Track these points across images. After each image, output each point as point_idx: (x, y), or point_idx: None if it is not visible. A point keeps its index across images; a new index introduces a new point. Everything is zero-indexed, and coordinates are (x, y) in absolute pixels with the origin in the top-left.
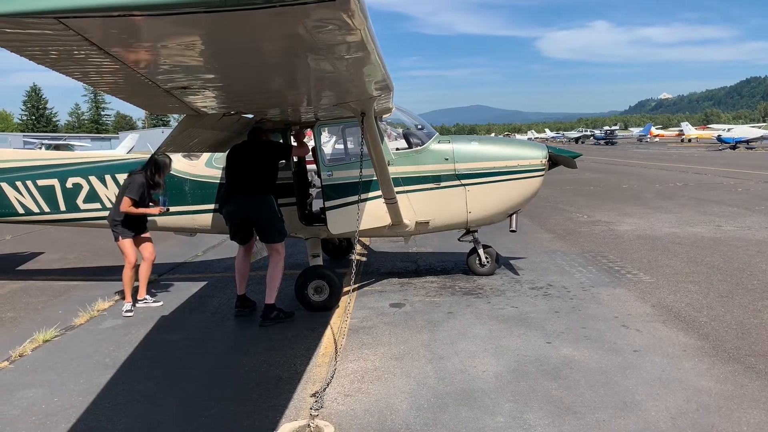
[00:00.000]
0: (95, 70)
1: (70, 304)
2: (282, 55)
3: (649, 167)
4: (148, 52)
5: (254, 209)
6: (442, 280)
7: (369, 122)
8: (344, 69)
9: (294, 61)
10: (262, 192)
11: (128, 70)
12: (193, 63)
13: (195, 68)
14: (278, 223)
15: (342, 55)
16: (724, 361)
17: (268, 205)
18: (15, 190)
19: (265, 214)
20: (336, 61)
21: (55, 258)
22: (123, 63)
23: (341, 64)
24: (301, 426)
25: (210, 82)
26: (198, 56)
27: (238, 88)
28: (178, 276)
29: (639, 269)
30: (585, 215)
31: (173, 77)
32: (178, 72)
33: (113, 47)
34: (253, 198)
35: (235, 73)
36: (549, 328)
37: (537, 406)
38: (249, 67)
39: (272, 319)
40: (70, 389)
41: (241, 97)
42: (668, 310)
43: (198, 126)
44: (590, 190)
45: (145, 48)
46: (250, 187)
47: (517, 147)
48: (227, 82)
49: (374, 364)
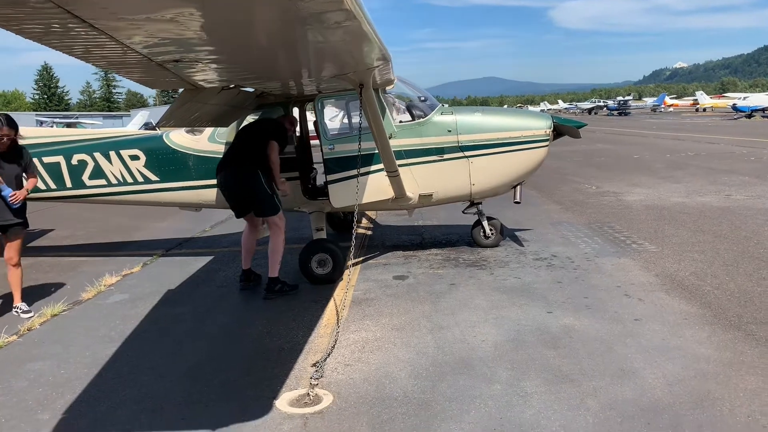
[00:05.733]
0: (83, 44)
1: (79, 279)
2: (270, 25)
3: (662, 137)
4: (135, 25)
5: (239, 183)
6: (446, 253)
7: (368, 94)
8: (334, 39)
9: (283, 32)
10: (248, 166)
11: (117, 44)
12: (182, 35)
13: (184, 41)
14: (266, 197)
15: (330, 25)
16: (725, 328)
17: (253, 179)
18: None
19: (249, 188)
20: (325, 30)
21: (65, 234)
22: (110, 36)
23: (330, 34)
24: (301, 395)
25: (202, 54)
26: (186, 28)
27: (230, 60)
28: (186, 251)
29: (645, 239)
30: (594, 186)
31: (164, 50)
32: (168, 45)
33: (99, 20)
34: (239, 172)
35: (226, 44)
36: (551, 298)
37: (534, 374)
38: (239, 38)
39: (276, 291)
40: (76, 362)
41: (236, 69)
42: (672, 279)
43: (197, 100)
44: (600, 161)
45: (131, 21)
46: (237, 161)
47: (521, 117)
48: (219, 55)
49: (375, 334)
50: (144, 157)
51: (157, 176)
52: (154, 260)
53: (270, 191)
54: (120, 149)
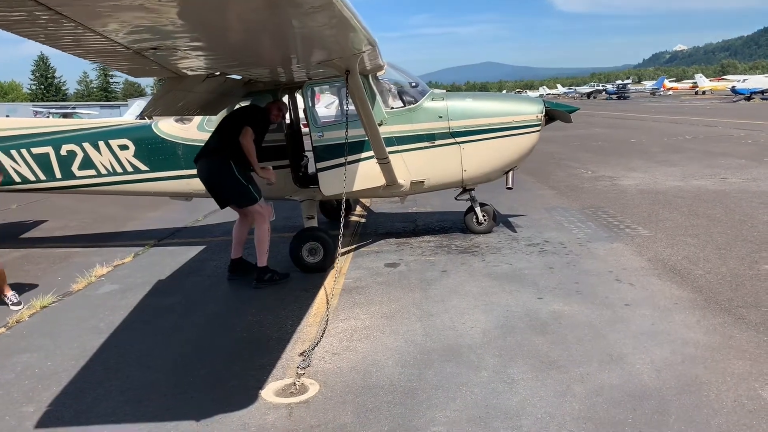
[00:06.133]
0: (52, 33)
1: (70, 270)
2: (244, 10)
3: (659, 121)
4: (104, 13)
5: (212, 174)
6: (439, 240)
7: (354, 80)
8: (313, 24)
9: (258, 18)
10: (220, 156)
11: (90, 32)
12: (156, 23)
13: (158, 28)
14: (240, 188)
15: (306, 10)
16: (715, 313)
17: (224, 169)
18: (10, 159)
19: (222, 179)
20: (303, 16)
21: (58, 225)
22: (81, 24)
23: (309, 20)
24: (287, 384)
25: (180, 41)
26: (158, 15)
27: (208, 46)
28: (178, 240)
29: (638, 223)
30: (589, 171)
31: (139, 38)
32: (142, 32)
33: (65, 7)
34: (212, 162)
35: (202, 31)
36: (541, 284)
37: (522, 361)
38: (214, 24)
39: (266, 281)
40: (63, 353)
41: (216, 56)
42: (664, 263)
43: (181, 88)
44: (597, 145)
45: (100, 8)
46: (210, 151)
47: (513, 102)
48: (197, 42)
49: (364, 322)
50: (133, 146)
51: (146, 166)
52: (146, 250)
53: (245, 181)
54: (109, 139)
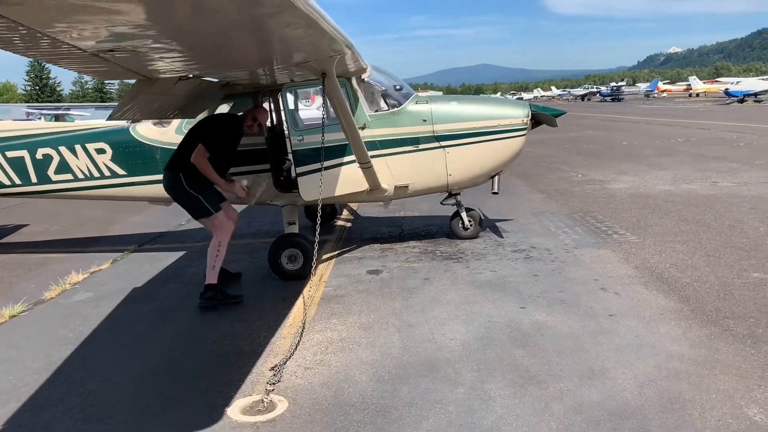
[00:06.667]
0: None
1: (45, 277)
2: (200, 11)
3: (652, 123)
4: (42, 11)
5: (166, 185)
6: (424, 245)
7: (331, 83)
8: (278, 25)
9: (214, 19)
10: (171, 168)
11: (36, 33)
12: (105, 24)
13: (111, 30)
14: (190, 201)
15: (264, 12)
16: (702, 324)
17: (174, 182)
18: None
19: (174, 192)
20: (267, 18)
21: (39, 230)
22: (24, 26)
23: (273, 20)
24: (255, 401)
25: (138, 44)
26: (107, 17)
27: (169, 49)
28: (158, 246)
29: (627, 229)
30: (579, 174)
31: (92, 40)
32: (93, 33)
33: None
34: (165, 174)
35: (158, 34)
36: (525, 293)
37: (500, 376)
38: (168, 26)
39: (207, 299)
40: (26, 366)
41: (180, 58)
42: (651, 271)
43: (152, 92)
44: (589, 148)
45: (44, 10)
46: (168, 162)
47: (498, 106)
48: (156, 44)
49: (341, 334)
50: (110, 150)
51: (124, 170)
52: (125, 256)
53: (195, 193)
54: (86, 143)
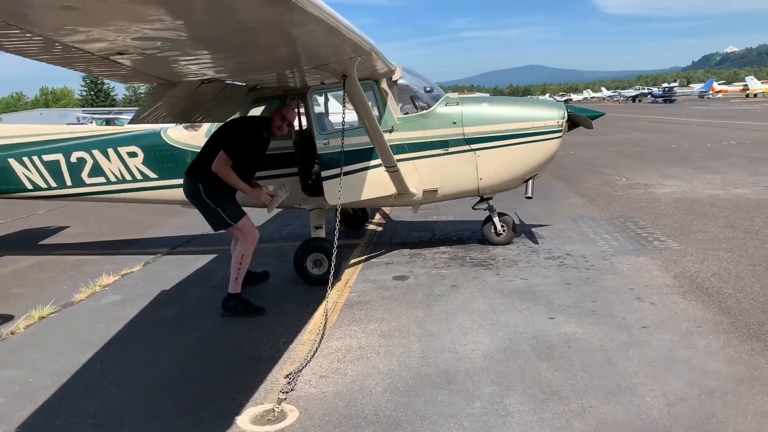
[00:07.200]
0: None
1: (77, 279)
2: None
3: (705, 125)
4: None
5: (186, 192)
6: (454, 251)
7: (352, 85)
8: (285, 25)
9: (229, 23)
10: (191, 176)
11: (41, 38)
12: (116, 27)
13: (120, 34)
14: (208, 211)
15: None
16: (743, 338)
17: (192, 189)
18: (23, 166)
19: (191, 199)
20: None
21: (78, 232)
22: (28, 30)
23: (278, 23)
24: (266, 410)
25: (146, 47)
26: (97, 18)
27: (183, 53)
28: (191, 249)
29: (669, 236)
30: (624, 178)
31: (103, 42)
32: (99, 35)
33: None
34: (185, 182)
35: (165, 37)
36: (556, 302)
37: (521, 390)
38: (188, 32)
39: (229, 309)
40: (47, 369)
41: (196, 62)
42: (691, 280)
43: (172, 95)
44: (636, 150)
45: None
46: (188, 169)
47: (532, 107)
48: (166, 47)
49: (360, 342)
50: (142, 153)
51: (155, 173)
52: (157, 259)
53: (213, 204)
54: (118, 146)
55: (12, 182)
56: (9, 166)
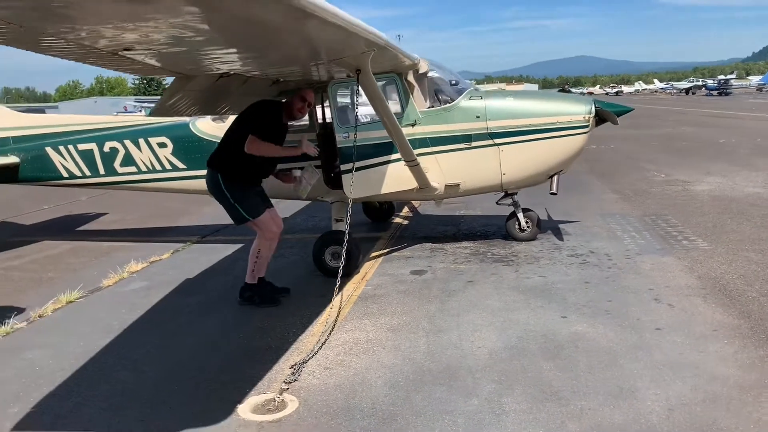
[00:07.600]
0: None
1: (108, 265)
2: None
3: (759, 119)
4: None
5: (207, 184)
6: (476, 246)
7: (367, 79)
8: (285, 23)
9: (221, 22)
10: (212, 167)
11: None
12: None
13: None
14: (226, 203)
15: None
16: (759, 344)
17: (213, 180)
18: (59, 155)
19: (211, 190)
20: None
21: (115, 219)
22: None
23: (278, 17)
24: (267, 400)
25: (154, 41)
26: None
27: (192, 48)
28: (220, 237)
29: (699, 235)
30: (663, 174)
31: (102, 37)
32: (101, 31)
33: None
34: (207, 171)
35: (173, 34)
36: (571, 301)
37: (520, 389)
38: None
39: (246, 299)
40: (68, 352)
41: (208, 57)
42: (715, 282)
43: (191, 88)
44: (681, 145)
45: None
46: (210, 157)
47: (558, 102)
48: (173, 42)
49: (368, 335)
50: (171, 144)
51: (184, 164)
52: (186, 247)
53: (232, 199)
54: (148, 137)
55: (49, 170)
56: (46, 154)
